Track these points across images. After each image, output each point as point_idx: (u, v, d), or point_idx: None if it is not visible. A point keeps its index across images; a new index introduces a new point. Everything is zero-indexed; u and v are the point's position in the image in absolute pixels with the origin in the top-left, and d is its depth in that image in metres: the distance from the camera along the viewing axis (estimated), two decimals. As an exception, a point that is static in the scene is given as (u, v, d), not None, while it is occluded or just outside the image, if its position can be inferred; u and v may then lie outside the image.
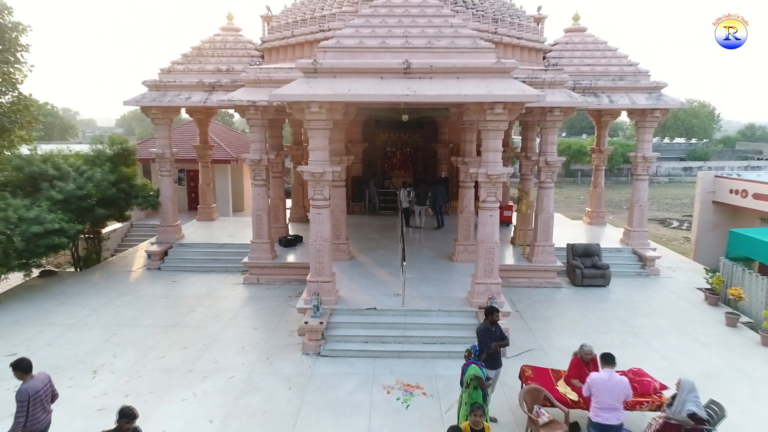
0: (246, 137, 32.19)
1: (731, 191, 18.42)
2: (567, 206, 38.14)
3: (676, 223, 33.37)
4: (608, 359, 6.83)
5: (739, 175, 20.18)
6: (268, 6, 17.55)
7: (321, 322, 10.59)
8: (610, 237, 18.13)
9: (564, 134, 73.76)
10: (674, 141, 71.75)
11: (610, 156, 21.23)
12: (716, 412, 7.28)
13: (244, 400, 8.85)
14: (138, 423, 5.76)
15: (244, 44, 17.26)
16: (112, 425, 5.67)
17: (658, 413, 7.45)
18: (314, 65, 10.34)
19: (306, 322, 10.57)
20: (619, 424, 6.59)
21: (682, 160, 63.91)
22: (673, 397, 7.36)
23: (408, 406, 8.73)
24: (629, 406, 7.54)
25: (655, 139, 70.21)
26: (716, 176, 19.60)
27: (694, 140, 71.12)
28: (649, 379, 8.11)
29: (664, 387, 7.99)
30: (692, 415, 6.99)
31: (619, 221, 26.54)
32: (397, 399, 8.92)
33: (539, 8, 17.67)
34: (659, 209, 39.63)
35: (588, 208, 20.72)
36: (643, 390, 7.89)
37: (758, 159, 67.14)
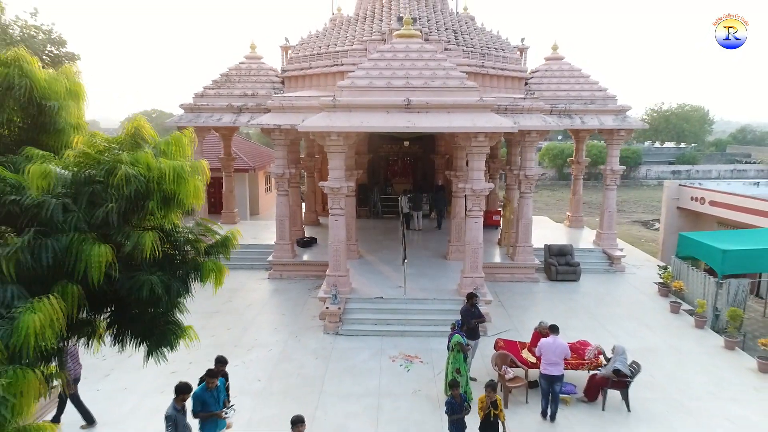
0: (258, 146, 34.84)
1: (692, 198, 20.92)
2: (558, 209, 40.31)
3: (657, 225, 35.88)
4: (554, 329, 9.40)
5: (700, 184, 22.68)
6: (287, 37, 20.19)
7: (339, 308, 13.16)
8: (585, 239, 20.68)
9: (560, 137, 76.21)
10: (664, 145, 74.12)
11: (598, 159, 23.48)
12: (635, 369, 9.86)
13: (282, 367, 11.44)
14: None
15: (266, 71, 19.82)
16: (185, 384, 7.23)
17: (595, 371, 10.02)
18: (334, 102, 12.92)
19: (327, 308, 13.15)
20: (560, 374, 9.15)
21: (671, 163, 66.39)
22: (608, 360, 9.96)
23: (408, 370, 11.31)
24: (573, 366, 10.13)
25: (646, 143, 72.77)
26: (680, 185, 22.13)
27: (683, 144, 73.51)
28: (590, 347, 10.67)
29: (601, 353, 10.54)
30: (617, 371, 9.59)
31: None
32: (400, 365, 11.50)
33: (522, 39, 20.26)
34: (644, 212, 42.15)
35: (568, 213, 23.28)
36: (585, 355, 10.45)
37: (746, 162, 69.59)
